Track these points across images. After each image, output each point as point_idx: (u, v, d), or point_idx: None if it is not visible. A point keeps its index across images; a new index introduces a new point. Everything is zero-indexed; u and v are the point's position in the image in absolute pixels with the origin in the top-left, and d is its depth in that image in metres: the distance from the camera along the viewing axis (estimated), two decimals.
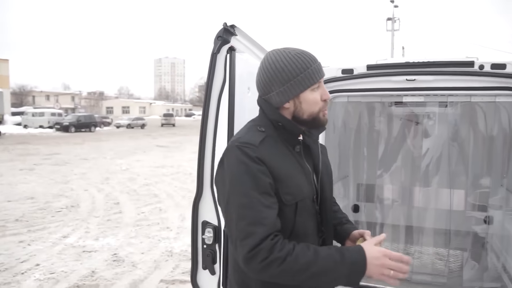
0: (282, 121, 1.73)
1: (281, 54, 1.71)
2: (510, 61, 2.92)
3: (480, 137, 4.60)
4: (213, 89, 2.46)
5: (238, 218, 1.53)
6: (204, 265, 2.42)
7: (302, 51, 1.73)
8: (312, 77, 1.69)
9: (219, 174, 1.68)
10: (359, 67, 3.30)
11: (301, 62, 1.69)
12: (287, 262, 1.47)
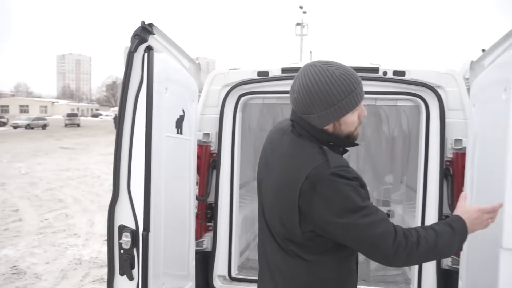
0: (334, 140, 1.76)
1: (325, 73, 1.65)
2: (409, 69, 3.19)
3: (383, 138, 4.97)
4: (129, 89, 2.39)
5: (364, 229, 1.62)
6: (121, 271, 2.34)
7: (346, 70, 1.68)
8: (356, 100, 1.69)
9: (319, 204, 1.63)
10: (274, 69, 3.39)
11: (346, 85, 1.65)
12: (421, 244, 1.64)
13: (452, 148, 3.12)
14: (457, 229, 1.74)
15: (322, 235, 1.71)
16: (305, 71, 1.70)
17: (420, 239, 1.65)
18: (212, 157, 3.42)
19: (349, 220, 1.61)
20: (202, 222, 3.40)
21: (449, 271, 3.13)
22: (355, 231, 1.63)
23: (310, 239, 1.74)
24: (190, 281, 3.07)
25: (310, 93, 1.65)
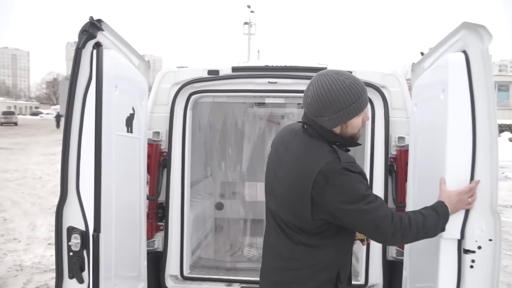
0: (340, 140, 2.03)
1: (337, 82, 1.91)
2: (355, 69, 3.30)
3: None
4: (77, 86, 2.32)
5: (368, 214, 1.92)
6: (70, 274, 2.27)
7: (355, 80, 1.95)
8: (362, 106, 1.97)
9: (331, 194, 1.90)
10: (224, 68, 3.40)
11: (354, 92, 1.92)
12: (412, 225, 1.97)
13: (395, 145, 3.27)
14: (441, 213, 2.07)
15: (331, 223, 1.99)
16: (318, 79, 1.97)
17: (411, 221, 1.97)
18: (162, 156, 3.39)
19: (357, 206, 1.90)
20: (153, 222, 3.36)
21: (394, 262, 3.29)
22: (361, 216, 1.92)
23: (319, 227, 2.00)
24: (142, 282, 3.03)
25: (322, 99, 1.92)
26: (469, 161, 2.26)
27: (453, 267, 2.32)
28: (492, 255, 2.28)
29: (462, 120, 2.28)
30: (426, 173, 2.71)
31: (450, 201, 2.15)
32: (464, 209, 2.21)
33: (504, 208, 9.88)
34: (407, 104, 3.24)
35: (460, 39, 2.35)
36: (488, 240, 2.27)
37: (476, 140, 2.26)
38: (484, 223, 2.26)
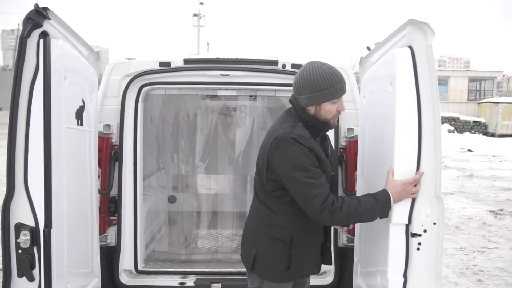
0: (312, 121, 2.33)
1: (319, 68, 2.25)
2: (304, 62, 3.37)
3: None
4: (23, 78, 2.22)
5: (304, 186, 2.19)
6: (20, 272, 2.18)
7: (335, 70, 2.28)
8: (335, 94, 2.27)
9: (277, 158, 2.25)
10: (176, 60, 3.37)
11: (331, 79, 2.24)
12: (343, 208, 2.19)
13: (345, 136, 3.39)
14: (380, 200, 2.28)
15: (282, 188, 2.30)
16: (306, 65, 2.31)
17: (343, 206, 2.20)
18: (114, 149, 3.31)
19: (296, 175, 2.19)
20: (106, 216, 3.29)
21: (345, 248, 3.41)
22: (297, 185, 2.21)
23: (274, 190, 2.34)
24: (95, 278, 2.96)
25: (304, 79, 2.26)
26: (415, 151, 2.40)
27: (402, 250, 2.45)
28: (436, 237, 2.43)
29: (409, 111, 2.41)
30: (374, 163, 2.84)
31: (395, 190, 2.32)
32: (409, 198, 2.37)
33: (444, 196, 10.43)
34: (356, 96, 3.35)
35: (406, 35, 2.47)
36: (433, 223, 2.42)
37: (421, 130, 2.39)
38: (429, 208, 2.41)
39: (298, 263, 2.36)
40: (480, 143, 23.07)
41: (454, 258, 6.18)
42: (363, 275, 3.04)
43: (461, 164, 15.84)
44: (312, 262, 2.47)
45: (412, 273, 2.45)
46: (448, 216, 8.50)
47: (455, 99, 33.06)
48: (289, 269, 2.35)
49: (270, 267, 2.37)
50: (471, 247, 6.73)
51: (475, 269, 5.78)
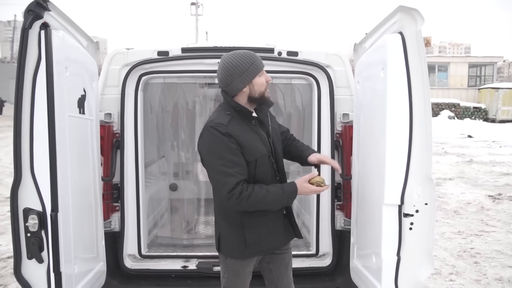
0: (239, 106, 2.52)
1: (233, 55, 2.48)
2: (302, 50, 3.45)
3: (280, 114, 5.26)
4: (26, 68, 2.30)
5: (216, 173, 2.42)
6: (29, 254, 2.29)
7: (246, 52, 2.52)
8: (258, 67, 2.49)
9: (200, 145, 2.52)
10: (174, 49, 3.43)
11: (248, 59, 2.47)
12: (251, 197, 2.38)
13: (340, 121, 3.46)
14: (287, 192, 2.50)
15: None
16: (222, 60, 2.50)
17: (251, 195, 2.39)
18: (115, 137, 3.39)
19: (211, 162, 2.45)
20: (109, 203, 3.38)
21: (342, 231, 3.51)
22: (211, 171, 2.46)
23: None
24: (101, 261, 3.08)
25: (228, 69, 2.46)
26: (406, 134, 2.48)
27: (395, 230, 2.56)
28: (428, 217, 2.53)
29: (400, 96, 2.49)
30: (368, 146, 2.92)
31: (300, 185, 2.54)
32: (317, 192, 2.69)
33: (443, 181, 10.55)
34: (351, 82, 3.41)
35: (396, 21, 2.54)
36: (424, 204, 2.51)
37: (412, 114, 2.48)
38: (421, 189, 2.50)
39: (254, 241, 2.59)
40: (480, 129, 23.14)
41: (452, 242, 6.29)
42: (359, 256, 3.14)
43: (461, 150, 15.92)
44: (272, 238, 2.66)
45: (405, 252, 2.56)
46: (447, 201, 8.60)
47: (455, 85, 33.01)
48: (247, 247, 2.58)
49: (231, 247, 2.63)
50: (468, 230, 6.83)
51: (472, 252, 5.89)
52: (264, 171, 2.56)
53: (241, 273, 2.70)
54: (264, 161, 2.56)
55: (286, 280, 2.85)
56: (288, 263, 2.86)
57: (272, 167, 2.62)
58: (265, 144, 2.58)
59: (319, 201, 3.48)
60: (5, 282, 4.78)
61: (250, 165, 2.48)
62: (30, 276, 2.35)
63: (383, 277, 2.59)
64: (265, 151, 2.56)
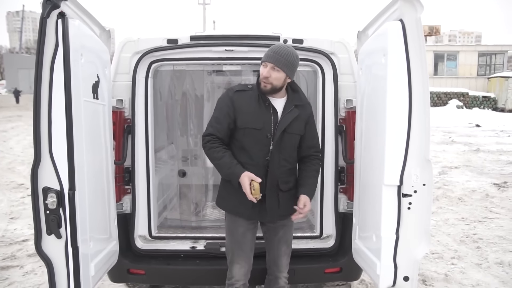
0: (257, 84, 2.93)
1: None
2: (307, 37, 3.54)
3: None
4: (44, 55, 2.43)
5: (210, 118, 3.02)
6: (48, 230, 2.44)
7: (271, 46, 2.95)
8: (263, 58, 2.93)
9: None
10: (183, 37, 3.53)
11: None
12: (210, 151, 2.90)
13: (344, 107, 3.56)
14: (232, 171, 2.84)
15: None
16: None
17: (211, 149, 2.88)
18: (126, 122, 3.52)
19: (214, 109, 3.06)
20: (121, 185, 3.52)
21: (345, 213, 3.63)
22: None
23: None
24: (113, 241, 3.23)
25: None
26: (406, 117, 2.59)
27: (394, 210, 2.68)
28: (426, 197, 2.65)
29: (400, 81, 2.59)
30: (371, 130, 3.03)
31: (245, 176, 2.81)
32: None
33: (449, 169, 10.61)
34: (354, 69, 3.51)
35: (397, 9, 2.63)
36: (422, 184, 2.62)
37: (412, 99, 2.58)
38: (419, 170, 2.61)
39: (222, 196, 3.10)
40: (488, 119, 23.02)
41: (455, 228, 6.39)
42: (361, 237, 3.26)
43: (468, 139, 15.92)
44: (235, 204, 3.01)
45: (403, 230, 2.68)
46: (452, 189, 8.68)
47: (464, 74, 32.77)
48: (217, 198, 3.15)
49: (220, 198, 3.16)
50: (472, 217, 6.92)
51: (475, 237, 5.99)
52: (251, 144, 2.90)
53: (233, 232, 3.09)
54: (254, 134, 2.90)
55: (276, 252, 3.18)
56: (281, 238, 3.17)
57: (265, 146, 2.91)
58: (265, 124, 2.90)
59: (323, 184, 3.60)
60: (21, 263, 4.97)
61: (239, 132, 2.92)
62: (50, 251, 2.50)
63: (382, 255, 2.72)
64: (258, 127, 2.89)
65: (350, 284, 4.38)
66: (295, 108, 2.98)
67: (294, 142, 3.03)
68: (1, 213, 7.01)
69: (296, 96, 3.05)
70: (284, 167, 2.99)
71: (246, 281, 3.16)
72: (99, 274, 2.91)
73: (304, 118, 3.04)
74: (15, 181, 9.18)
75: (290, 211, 3.03)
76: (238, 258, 3.10)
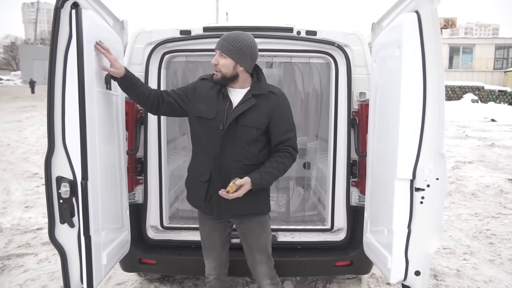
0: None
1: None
2: (320, 29, 3.51)
3: (298, 93, 5.35)
4: (58, 46, 2.44)
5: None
6: (62, 219, 2.47)
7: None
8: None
9: None
10: (196, 28, 3.53)
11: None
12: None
13: (357, 100, 3.52)
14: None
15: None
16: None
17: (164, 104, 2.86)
18: (139, 113, 3.53)
19: None
20: (133, 176, 3.54)
21: (356, 207, 3.61)
22: None
23: None
24: (125, 230, 3.26)
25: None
26: (420, 111, 2.56)
27: (406, 204, 2.65)
28: (439, 192, 2.62)
29: (415, 74, 2.56)
30: (384, 124, 3.00)
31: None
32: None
33: (463, 164, 10.49)
34: (368, 61, 3.47)
35: (413, 0, 2.58)
36: (436, 179, 2.59)
37: (426, 92, 2.54)
38: (432, 164, 2.58)
39: (189, 190, 3.01)
40: (504, 113, 22.68)
41: (468, 223, 6.32)
42: (372, 230, 3.25)
43: (483, 134, 15.70)
44: (190, 195, 3.00)
45: (415, 224, 2.65)
46: (465, 184, 8.57)
47: (480, 68, 32.29)
48: (188, 195, 3.05)
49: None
50: (486, 213, 6.84)
51: (488, 233, 5.92)
52: (205, 135, 2.80)
53: (201, 229, 3.08)
54: (207, 124, 2.77)
55: (250, 260, 3.07)
56: (252, 245, 3.01)
57: (218, 137, 2.74)
58: (218, 114, 2.76)
59: (335, 178, 3.58)
60: (36, 251, 5.05)
61: (195, 121, 2.84)
62: (63, 239, 2.54)
63: (394, 249, 2.70)
64: (211, 117, 2.76)
65: (361, 278, 4.37)
66: (251, 98, 2.74)
67: (250, 135, 2.75)
68: (16, 202, 7.12)
69: (257, 85, 2.79)
70: (239, 162, 2.76)
71: (218, 275, 3.13)
72: (111, 263, 2.94)
73: (265, 110, 2.76)
74: (29, 170, 9.31)
75: (247, 211, 2.85)
76: (206, 254, 3.11)
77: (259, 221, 2.96)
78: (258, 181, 2.70)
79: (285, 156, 2.81)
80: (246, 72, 2.79)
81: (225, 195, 2.64)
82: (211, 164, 2.78)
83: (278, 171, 2.78)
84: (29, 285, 4.29)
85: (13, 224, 6.05)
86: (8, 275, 4.49)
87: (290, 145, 2.83)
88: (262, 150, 2.83)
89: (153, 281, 4.28)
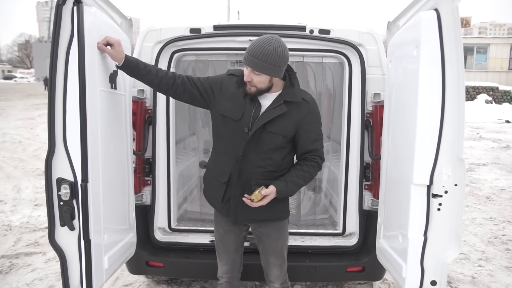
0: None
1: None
2: (334, 28, 3.39)
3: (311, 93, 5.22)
4: (60, 44, 2.37)
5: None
6: (62, 222, 2.40)
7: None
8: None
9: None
10: (206, 27, 3.44)
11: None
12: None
13: (371, 101, 3.41)
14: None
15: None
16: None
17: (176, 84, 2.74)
18: (147, 113, 3.46)
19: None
20: (141, 177, 3.47)
21: (369, 211, 3.50)
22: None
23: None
24: (131, 232, 3.18)
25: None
26: (438, 114, 2.43)
27: (422, 210, 2.53)
28: (458, 198, 2.49)
29: (433, 75, 2.43)
30: (399, 127, 2.88)
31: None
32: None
33: (477, 166, 10.28)
34: (383, 61, 3.35)
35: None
36: (454, 185, 2.47)
37: (445, 94, 2.42)
38: (451, 170, 2.46)
39: (207, 186, 2.94)
40: None
41: (483, 228, 6.17)
42: (386, 236, 3.13)
43: (497, 136, 15.42)
44: (209, 195, 2.93)
45: (432, 232, 2.53)
46: (480, 187, 8.40)
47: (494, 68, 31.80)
48: (205, 190, 2.98)
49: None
50: (501, 217, 6.67)
51: (504, 238, 5.76)
52: (229, 134, 2.67)
53: (216, 231, 3.01)
54: (231, 125, 2.64)
55: (264, 263, 2.99)
56: (267, 248, 2.93)
57: (242, 140, 2.62)
58: (244, 116, 2.61)
59: (347, 181, 3.47)
60: (44, 250, 5.02)
61: (219, 118, 2.69)
62: (63, 243, 2.46)
63: (409, 257, 2.58)
64: (236, 118, 2.61)
65: (372, 283, 4.26)
66: (282, 105, 2.59)
67: (276, 142, 2.63)
68: (26, 200, 7.12)
69: (290, 91, 2.63)
70: (261, 168, 2.65)
71: (230, 279, 3.06)
72: (114, 266, 2.86)
73: (295, 118, 2.62)
74: (40, 168, 9.32)
75: (266, 217, 2.75)
76: (219, 256, 3.05)
77: (278, 227, 2.87)
78: (284, 190, 2.63)
79: (312, 165, 2.70)
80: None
81: (249, 203, 2.56)
82: (232, 166, 2.67)
83: (303, 180, 2.69)
84: (36, 284, 4.25)
85: (23, 222, 6.04)
86: (16, 274, 4.47)
87: (318, 155, 2.73)
88: (285, 157, 2.72)
89: (160, 283, 4.22)
